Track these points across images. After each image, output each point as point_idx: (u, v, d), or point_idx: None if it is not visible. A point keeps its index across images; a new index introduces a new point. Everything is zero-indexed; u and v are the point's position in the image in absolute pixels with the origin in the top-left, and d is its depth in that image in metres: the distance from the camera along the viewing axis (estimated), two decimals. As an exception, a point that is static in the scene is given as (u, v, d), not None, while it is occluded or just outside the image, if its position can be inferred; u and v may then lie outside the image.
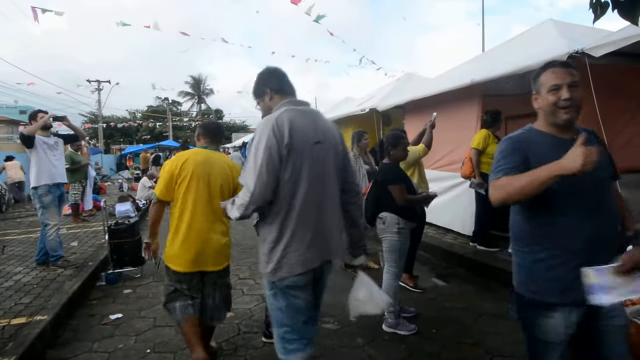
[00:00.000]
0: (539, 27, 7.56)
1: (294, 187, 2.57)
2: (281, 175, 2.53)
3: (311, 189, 2.60)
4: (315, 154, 2.64)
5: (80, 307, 5.53)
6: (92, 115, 46.65)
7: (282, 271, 2.58)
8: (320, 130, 2.72)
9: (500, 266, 6.13)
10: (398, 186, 4.58)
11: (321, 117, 2.86)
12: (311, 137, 2.64)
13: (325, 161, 2.71)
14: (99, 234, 9.16)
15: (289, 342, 2.68)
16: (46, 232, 6.62)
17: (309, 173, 2.59)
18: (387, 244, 4.67)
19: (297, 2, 11.33)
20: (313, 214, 2.62)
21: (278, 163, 2.51)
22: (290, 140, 2.52)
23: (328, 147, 2.74)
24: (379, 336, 4.52)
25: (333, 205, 2.79)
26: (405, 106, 9.60)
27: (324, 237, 2.68)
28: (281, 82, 2.88)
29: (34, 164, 6.56)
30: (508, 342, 4.30)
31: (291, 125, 2.55)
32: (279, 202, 2.57)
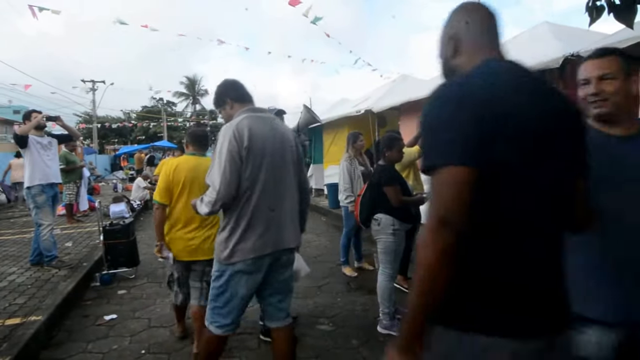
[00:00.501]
0: (534, 29, 7.60)
1: (252, 185, 2.92)
2: (242, 175, 2.88)
3: (268, 186, 2.98)
4: (272, 156, 3.01)
5: (75, 307, 5.51)
6: (86, 115, 46.54)
7: (235, 256, 2.92)
8: (277, 134, 3.10)
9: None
10: (393, 187, 4.58)
11: (277, 122, 3.25)
12: (269, 141, 3.01)
13: (282, 162, 3.09)
14: (93, 235, 9.13)
15: (218, 315, 3.03)
16: (40, 232, 6.58)
17: (266, 172, 2.96)
18: (382, 245, 4.68)
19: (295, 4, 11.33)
20: (268, 208, 2.98)
21: (239, 164, 2.86)
22: (249, 144, 2.88)
23: (284, 150, 3.12)
24: (373, 337, 4.53)
25: (290, 201, 3.15)
26: (401, 108, 9.63)
27: (277, 229, 3.04)
28: (240, 92, 3.26)
29: (28, 163, 6.54)
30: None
31: (250, 130, 2.92)
32: (238, 197, 2.92)
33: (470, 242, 1.35)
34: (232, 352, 4.25)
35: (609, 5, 2.68)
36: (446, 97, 1.43)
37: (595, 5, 2.75)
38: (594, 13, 2.76)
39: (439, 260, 1.30)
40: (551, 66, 5.56)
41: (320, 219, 12.22)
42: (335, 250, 7.73)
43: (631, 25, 2.67)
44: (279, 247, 3.05)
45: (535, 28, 7.62)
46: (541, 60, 5.72)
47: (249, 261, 2.93)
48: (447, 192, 1.33)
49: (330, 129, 13.55)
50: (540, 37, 6.78)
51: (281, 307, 3.24)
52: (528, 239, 1.41)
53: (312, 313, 5.21)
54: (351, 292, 5.93)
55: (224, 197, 2.86)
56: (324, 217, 12.40)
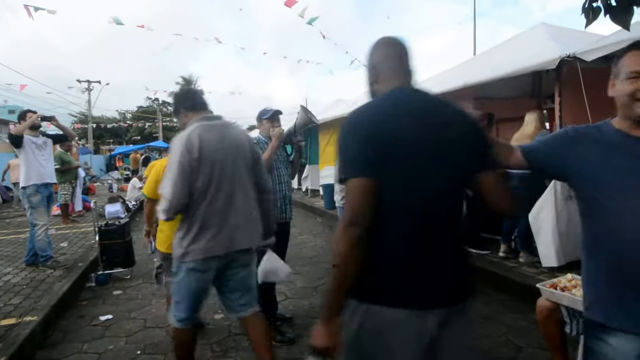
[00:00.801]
0: (531, 30, 7.63)
1: (204, 191, 3.09)
2: (194, 183, 3.05)
3: (220, 192, 3.13)
4: (223, 162, 3.15)
5: (70, 308, 5.50)
6: (81, 115, 46.41)
7: (188, 256, 3.10)
8: (228, 140, 3.25)
9: (491, 269, 6.17)
10: None
11: (231, 128, 3.39)
12: (219, 149, 3.16)
13: (234, 167, 3.23)
14: (88, 235, 9.12)
15: (177, 309, 3.24)
16: (35, 232, 6.56)
17: (217, 179, 3.12)
18: None
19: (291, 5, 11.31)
20: (220, 212, 3.14)
21: (190, 174, 3.02)
22: (199, 154, 3.04)
23: (237, 155, 3.26)
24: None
25: (244, 204, 3.28)
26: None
27: (229, 231, 3.18)
28: (193, 101, 3.39)
29: (23, 164, 6.52)
30: (497, 344, 4.33)
31: (200, 140, 3.07)
32: (192, 203, 3.08)
33: (376, 232, 1.70)
34: (228, 353, 4.26)
35: (605, 6, 2.69)
36: (351, 122, 1.84)
37: (591, 6, 2.75)
38: (590, 14, 2.76)
39: (349, 251, 1.66)
40: (548, 67, 5.57)
41: (316, 219, 12.22)
42: (331, 251, 7.70)
43: (627, 26, 2.67)
44: (231, 249, 3.20)
45: (532, 29, 7.64)
46: (537, 62, 5.73)
47: (200, 261, 3.11)
48: (353, 198, 1.71)
49: (326, 130, 13.54)
50: (537, 39, 6.79)
51: (242, 302, 3.39)
52: (424, 228, 1.75)
53: (308, 314, 5.20)
54: (348, 293, 5.90)
55: (175, 207, 3.05)
56: (320, 217, 12.39)
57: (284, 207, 4.65)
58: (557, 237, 5.72)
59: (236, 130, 3.44)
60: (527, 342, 4.32)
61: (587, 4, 2.76)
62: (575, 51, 5.21)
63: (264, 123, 4.63)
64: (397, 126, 1.76)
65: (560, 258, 5.74)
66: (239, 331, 4.69)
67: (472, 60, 9.61)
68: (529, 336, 4.41)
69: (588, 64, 5.17)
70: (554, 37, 6.41)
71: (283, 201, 4.62)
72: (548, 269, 5.81)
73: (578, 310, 3.11)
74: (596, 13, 2.74)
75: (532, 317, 4.33)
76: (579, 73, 5.23)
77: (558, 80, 5.69)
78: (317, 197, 15.12)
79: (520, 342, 4.34)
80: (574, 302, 3.11)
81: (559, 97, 5.77)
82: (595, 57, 5.02)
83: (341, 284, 1.72)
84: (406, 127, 1.76)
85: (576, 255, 5.75)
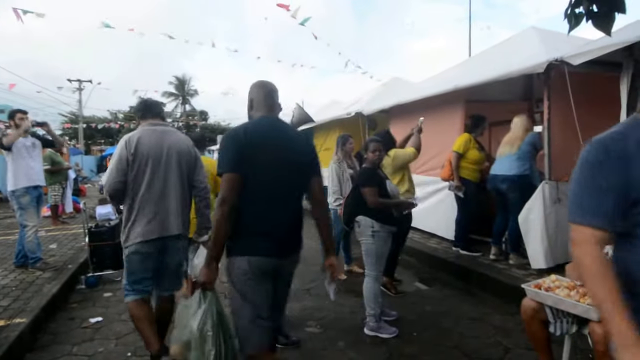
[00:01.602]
0: (521, 34, 7.68)
1: (138, 183, 3.73)
2: (129, 174, 3.71)
3: (152, 184, 3.76)
4: (155, 160, 3.78)
5: (60, 310, 5.47)
6: (72, 115, 46.08)
7: (129, 240, 3.74)
8: (166, 142, 3.88)
9: (481, 271, 6.21)
10: (369, 188, 4.61)
11: (171, 134, 4.02)
12: (154, 149, 3.79)
13: (167, 165, 3.84)
14: (78, 237, 9.08)
15: (129, 287, 3.89)
16: (24, 234, 6.52)
17: (150, 173, 3.75)
18: (364, 248, 4.72)
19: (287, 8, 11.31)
20: (154, 201, 3.76)
21: (125, 166, 3.70)
22: (135, 151, 3.70)
23: (170, 156, 3.86)
24: (360, 339, 4.56)
25: (176, 196, 3.88)
26: (391, 110, 9.66)
27: (162, 219, 3.79)
28: (144, 110, 4.06)
29: (11, 166, 6.47)
30: (486, 345, 4.38)
31: (138, 141, 3.75)
32: (129, 193, 3.74)
33: (241, 207, 2.73)
34: (234, 358, 4.24)
35: (587, 12, 2.70)
36: (231, 134, 2.84)
37: (574, 12, 2.77)
38: (572, 20, 2.78)
39: (220, 222, 2.68)
40: (536, 71, 5.61)
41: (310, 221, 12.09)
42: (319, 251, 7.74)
43: (609, 32, 2.69)
44: (164, 234, 3.79)
45: (522, 33, 7.69)
46: (527, 65, 5.77)
47: (139, 244, 3.72)
48: (226, 186, 2.69)
49: (321, 132, 13.53)
50: (527, 42, 6.84)
51: (168, 284, 4.02)
52: (271, 208, 2.82)
53: (300, 315, 5.22)
54: (340, 295, 5.86)
55: (110, 189, 3.75)
56: (314, 219, 12.26)
57: None
58: (546, 240, 5.79)
59: (176, 136, 4.06)
60: (515, 342, 4.37)
61: (569, 10, 2.78)
62: (563, 55, 5.26)
63: None
64: (259, 140, 2.79)
65: (548, 260, 5.80)
66: (230, 333, 4.70)
67: (465, 62, 9.65)
68: (517, 337, 4.46)
69: (575, 67, 5.23)
70: (543, 40, 6.45)
71: None
72: (537, 271, 5.85)
73: (562, 310, 3.18)
74: (579, 19, 2.75)
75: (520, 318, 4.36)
76: (566, 76, 5.30)
77: (547, 83, 5.73)
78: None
79: (509, 343, 4.39)
80: (557, 302, 3.17)
81: (548, 100, 5.81)
82: (582, 61, 5.07)
83: (217, 242, 2.72)
84: (265, 142, 2.81)
85: (565, 258, 5.81)
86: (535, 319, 3.33)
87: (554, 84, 5.69)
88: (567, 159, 5.84)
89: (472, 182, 7.05)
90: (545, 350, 3.39)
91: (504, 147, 6.46)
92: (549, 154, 5.94)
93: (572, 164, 5.90)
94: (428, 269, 7.16)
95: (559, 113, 5.80)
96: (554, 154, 5.95)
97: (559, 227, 5.87)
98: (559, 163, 5.94)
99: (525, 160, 6.22)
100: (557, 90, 5.67)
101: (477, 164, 7.04)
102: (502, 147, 6.52)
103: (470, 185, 7.04)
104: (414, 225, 8.66)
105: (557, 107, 5.79)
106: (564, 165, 5.89)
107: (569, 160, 5.91)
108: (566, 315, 3.21)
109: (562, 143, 5.93)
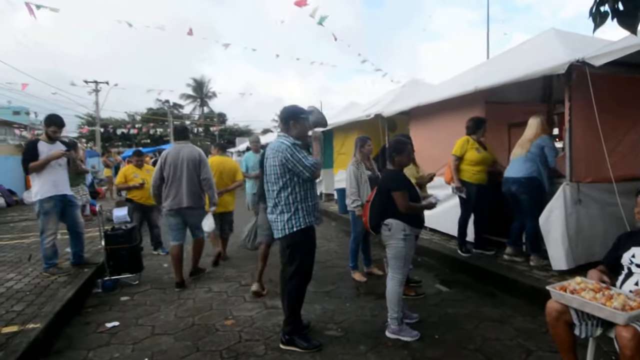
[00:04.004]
0: (541, 35, 7.57)
1: (168, 178, 6.41)
2: (163, 174, 6.42)
3: (174, 178, 6.41)
4: (175, 165, 6.41)
5: (76, 314, 5.45)
6: (89, 117, 46.21)
7: (164, 209, 6.52)
8: (181, 154, 6.46)
9: (502, 273, 6.11)
10: (401, 193, 4.51)
11: (185, 147, 6.58)
12: (174, 158, 6.43)
13: (182, 167, 6.42)
14: (95, 240, 9.10)
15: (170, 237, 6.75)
16: (44, 240, 6.52)
17: (173, 173, 6.40)
18: (393, 251, 4.60)
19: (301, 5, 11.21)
20: (176, 187, 6.41)
21: (160, 170, 6.42)
22: (164, 161, 6.41)
23: (183, 161, 6.44)
24: (381, 343, 4.46)
25: (186, 185, 6.43)
26: (411, 112, 9.55)
27: (180, 197, 6.42)
28: (176, 135, 7.16)
29: (37, 175, 6.45)
30: (508, 347, 4.28)
31: (167, 155, 6.48)
32: (164, 183, 6.47)
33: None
34: (239, 358, 4.21)
35: (612, 11, 2.62)
36: None
37: (599, 11, 2.70)
38: (597, 19, 2.71)
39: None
40: (557, 72, 5.49)
41: (330, 224, 12.14)
42: (344, 256, 7.79)
43: (635, 31, 2.61)
44: (182, 205, 6.41)
45: (542, 34, 7.57)
46: (547, 66, 5.65)
47: (168, 211, 6.49)
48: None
49: (340, 134, 13.48)
50: (547, 44, 6.74)
51: (194, 232, 6.79)
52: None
53: (320, 318, 5.16)
54: (360, 297, 5.88)
55: (153, 184, 6.53)
56: (334, 222, 12.35)
57: None
58: (567, 241, 5.69)
59: (188, 148, 6.58)
60: (537, 345, 4.28)
61: (594, 9, 2.71)
62: (584, 56, 5.15)
63: (301, 123, 4.46)
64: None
65: (570, 261, 5.69)
66: (249, 337, 4.67)
67: (484, 64, 9.52)
68: (539, 339, 4.38)
69: (597, 69, 5.12)
70: (564, 42, 6.36)
71: None
72: (558, 272, 5.76)
73: (587, 313, 3.13)
74: (604, 17, 2.68)
75: (542, 320, 4.29)
76: (587, 78, 5.18)
77: (568, 85, 5.62)
78: (332, 201, 15.02)
79: (531, 345, 4.29)
80: (583, 305, 3.11)
81: (569, 101, 5.71)
82: (604, 62, 4.96)
83: None
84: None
85: (586, 258, 5.72)
86: (560, 321, 3.29)
87: (575, 85, 5.57)
88: (589, 161, 5.80)
89: (473, 184, 7.02)
90: (570, 353, 3.35)
91: (516, 149, 6.46)
92: (570, 155, 5.82)
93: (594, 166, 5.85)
94: (449, 270, 7.08)
95: (580, 115, 5.68)
96: (575, 156, 5.83)
97: (580, 228, 5.78)
98: (580, 164, 5.85)
99: (533, 162, 6.17)
100: (578, 91, 5.56)
101: (479, 165, 6.98)
102: (514, 149, 6.51)
103: (471, 187, 7.03)
104: (434, 227, 8.60)
105: (578, 109, 5.68)
106: (585, 166, 5.84)
107: (590, 162, 5.83)
108: (591, 318, 3.15)
109: (583, 145, 5.82)
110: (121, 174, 9.06)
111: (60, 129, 6.75)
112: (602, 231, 5.87)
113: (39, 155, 6.40)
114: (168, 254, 7.83)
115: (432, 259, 7.62)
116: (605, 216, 5.89)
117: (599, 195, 5.90)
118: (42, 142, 6.54)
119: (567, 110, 5.76)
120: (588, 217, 5.87)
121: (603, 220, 5.90)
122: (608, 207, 5.82)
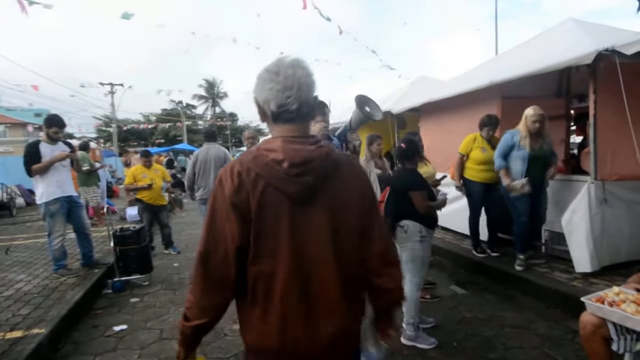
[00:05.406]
0: (560, 26, 7.27)
1: (199, 173, 7.74)
2: (196, 169, 7.76)
3: (203, 174, 7.70)
4: (206, 161, 7.71)
5: (85, 317, 5.38)
6: (106, 118, 46.71)
7: (197, 198, 7.87)
8: (209, 153, 7.79)
9: (520, 274, 5.87)
10: (419, 192, 4.32)
11: (214, 148, 7.94)
12: (205, 157, 7.76)
13: (210, 164, 7.66)
14: (106, 240, 9.01)
15: None
16: (52, 241, 6.44)
17: (203, 168, 7.70)
18: (409, 254, 4.39)
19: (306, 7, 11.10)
20: (205, 180, 7.67)
21: (193, 166, 7.84)
22: (196, 159, 7.86)
23: (212, 160, 7.69)
24: (397, 350, 4.24)
25: (213, 178, 6.70)
26: (421, 109, 9.35)
27: (209, 188, 7.43)
28: (206, 137, 8.60)
29: (40, 178, 6.36)
30: (532, 357, 4.06)
31: (199, 153, 7.94)
32: (196, 179, 7.79)
33: None
34: None
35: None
36: None
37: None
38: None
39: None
40: (583, 62, 5.19)
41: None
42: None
43: None
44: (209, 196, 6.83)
45: (559, 25, 7.30)
46: (570, 57, 5.37)
47: (199, 200, 7.79)
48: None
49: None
50: (567, 34, 6.46)
51: None
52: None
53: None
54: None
55: (189, 179, 7.89)
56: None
57: None
58: (592, 242, 5.42)
59: (215, 149, 7.92)
60: (564, 354, 4.04)
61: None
62: (614, 44, 4.87)
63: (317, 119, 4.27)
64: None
65: (594, 263, 5.43)
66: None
67: (496, 58, 9.28)
68: (565, 348, 4.16)
69: (627, 58, 4.83)
70: (587, 31, 6.10)
71: None
72: (582, 275, 5.50)
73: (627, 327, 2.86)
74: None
75: (567, 326, 4.08)
76: (617, 68, 4.88)
77: (593, 76, 5.34)
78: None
79: (557, 354, 4.07)
80: (624, 320, 2.84)
81: (594, 94, 5.41)
82: (636, 50, 4.69)
83: None
84: None
85: (611, 260, 5.48)
86: (597, 335, 3.00)
87: (601, 76, 5.29)
88: (615, 157, 5.50)
89: (477, 183, 6.80)
90: None
91: None
92: (595, 152, 5.51)
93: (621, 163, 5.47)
94: (464, 271, 6.86)
95: (607, 108, 5.38)
96: (600, 152, 5.53)
97: (605, 228, 5.51)
98: (606, 161, 5.56)
99: None
100: (605, 83, 5.27)
101: (483, 164, 6.70)
102: None
103: (475, 185, 6.82)
104: (447, 226, 8.36)
105: (604, 102, 5.39)
106: (611, 163, 5.56)
107: (616, 159, 5.51)
108: (631, 332, 2.87)
109: (609, 140, 5.52)
110: (130, 174, 9.08)
111: (62, 129, 6.67)
112: (628, 232, 5.64)
113: (41, 157, 6.29)
114: (179, 253, 8.73)
115: (445, 258, 7.41)
116: (633, 216, 5.66)
117: (626, 194, 5.66)
118: (44, 143, 6.42)
119: (591, 104, 5.47)
120: (614, 217, 5.59)
121: (630, 220, 5.66)
122: (636, 206, 5.61)
